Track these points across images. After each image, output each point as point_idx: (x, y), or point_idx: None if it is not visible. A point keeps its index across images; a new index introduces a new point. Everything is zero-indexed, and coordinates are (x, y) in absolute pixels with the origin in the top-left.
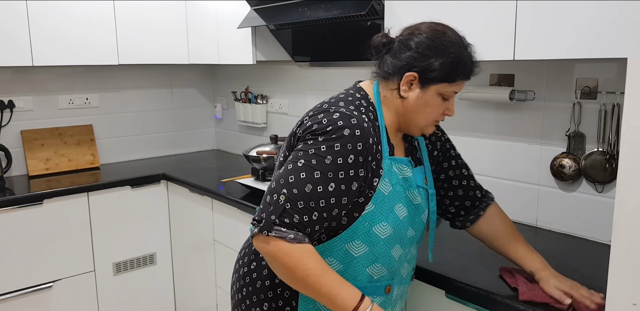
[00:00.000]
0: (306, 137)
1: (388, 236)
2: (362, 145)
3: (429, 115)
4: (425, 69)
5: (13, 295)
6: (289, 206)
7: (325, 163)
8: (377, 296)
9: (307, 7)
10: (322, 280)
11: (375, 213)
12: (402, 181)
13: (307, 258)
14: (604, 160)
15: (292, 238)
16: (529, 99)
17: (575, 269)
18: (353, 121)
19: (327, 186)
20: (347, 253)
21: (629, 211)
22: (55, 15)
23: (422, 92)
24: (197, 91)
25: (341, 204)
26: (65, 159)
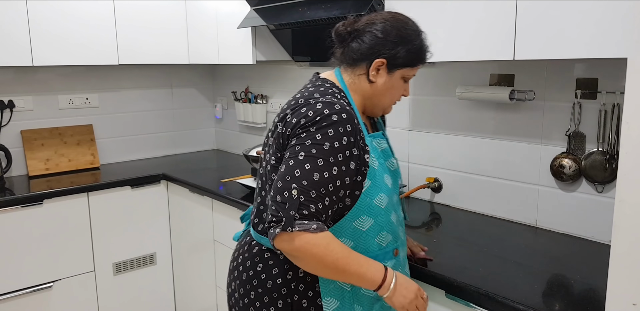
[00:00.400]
0: (297, 132)
1: (386, 205)
2: (350, 127)
3: (393, 97)
4: (392, 55)
5: (13, 295)
6: (303, 198)
7: (325, 149)
8: (388, 261)
9: (307, 7)
10: (350, 261)
11: (372, 187)
12: (381, 154)
13: (332, 244)
14: (604, 160)
15: (315, 228)
16: (529, 99)
17: (575, 269)
18: (337, 107)
19: (332, 170)
20: (355, 229)
21: (629, 211)
22: (55, 15)
23: (389, 76)
24: (197, 91)
25: (345, 185)
26: (65, 159)
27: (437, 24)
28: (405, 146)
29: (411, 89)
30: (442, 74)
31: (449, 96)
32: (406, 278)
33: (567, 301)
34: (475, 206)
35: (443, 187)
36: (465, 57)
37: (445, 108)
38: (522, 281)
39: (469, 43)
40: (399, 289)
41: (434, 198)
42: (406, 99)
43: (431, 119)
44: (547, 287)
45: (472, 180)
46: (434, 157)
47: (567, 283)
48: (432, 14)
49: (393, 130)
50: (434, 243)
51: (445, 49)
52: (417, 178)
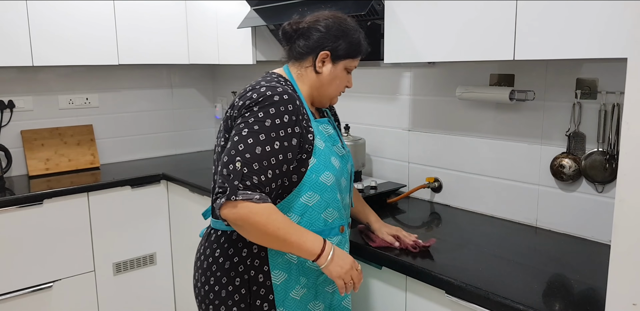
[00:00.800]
0: (242, 112)
1: (332, 183)
2: (292, 106)
3: (338, 87)
4: (335, 47)
5: (13, 295)
6: (246, 170)
7: (266, 126)
8: (334, 236)
9: (307, 7)
10: (290, 231)
11: (318, 165)
12: (329, 138)
13: (274, 215)
14: (604, 160)
15: (257, 198)
16: (529, 99)
17: (575, 269)
18: (279, 89)
19: (273, 144)
20: (303, 205)
21: (629, 211)
22: (55, 15)
23: (333, 67)
24: (197, 91)
25: (288, 159)
26: (65, 159)
27: (437, 24)
28: (405, 146)
29: (411, 89)
30: (442, 74)
31: (449, 96)
32: (343, 251)
33: (567, 301)
34: (475, 206)
35: (443, 187)
36: (465, 57)
37: (445, 108)
38: (522, 281)
39: (469, 43)
40: (336, 260)
41: (434, 198)
42: (406, 99)
43: (431, 119)
44: (547, 287)
45: (472, 180)
46: (434, 157)
47: (567, 283)
48: (432, 14)
49: (393, 130)
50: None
51: (445, 49)
52: (417, 178)
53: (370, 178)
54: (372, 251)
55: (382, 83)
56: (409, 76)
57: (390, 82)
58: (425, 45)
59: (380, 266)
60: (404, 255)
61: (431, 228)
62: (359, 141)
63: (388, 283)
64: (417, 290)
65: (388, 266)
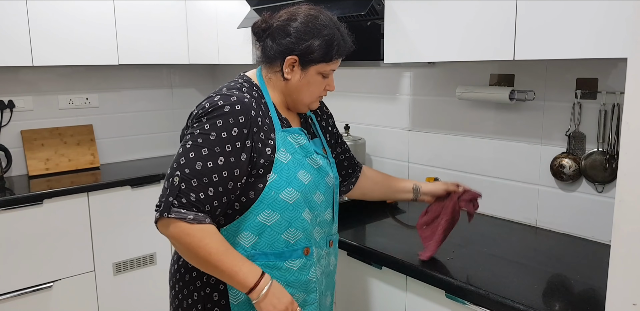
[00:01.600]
0: (192, 122)
1: (296, 200)
2: (244, 118)
3: (312, 93)
4: (304, 52)
5: (13, 295)
6: (184, 186)
7: (210, 139)
8: (296, 259)
9: None
10: (223, 258)
11: (279, 181)
12: (299, 150)
13: (208, 238)
14: (604, 160)
15: (191, 218)
16: (529, 99)
17: (575, 269)
18: (232, 99)
19: (217, 160)
20: (260, 224)
21: (629, 211)
22: (55, 15)
23: (303, 73)
24: (197, 91)
25: (234, 176)
26: (65, 159)
27: (437, 24)
28: (405, 146)
29: (411, 89)
30: (442, 74)
31: (449, 96)
32: (282, 289)
33: (567, 301)
34: None
35: None
36: (466, 57)
37: (445, 108)
38: (522, 281)
39: (469, 43)
40: (270, 297)
41: None
42: (406, 99)
43: (431, 119)
44: (547, 287)
45: (472, 180)
46: (434, 157)
47: (567, 283)
48: (432, 14)
49: (393, 130)
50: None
51: (445, 49)
52: (417, 178)
53: None
54: (372, 251)
55: (382, 83)
56: (409, 76)
57: (390, 82)
58: (425, 45)
59: (380, 266)
60: (404, 255)
61: None
62: (359, 141)
63: (388, 283)
64: (417, 290)
65: (388, 266)
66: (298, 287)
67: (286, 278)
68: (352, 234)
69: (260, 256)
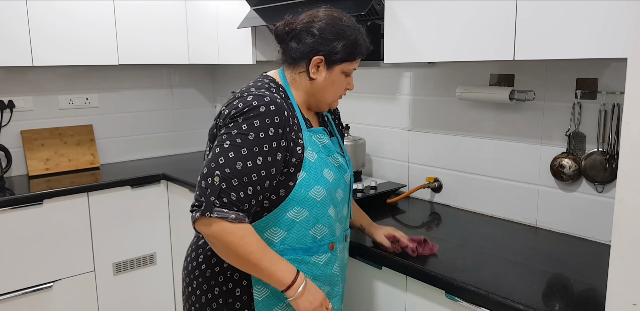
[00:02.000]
0: (226, 122)
1: (323, 198)
2: (278, 118)
3: (336, 92)
4: (329, 52)
5: (13, 295)
6: (224, 186)
7: (249, 139)
8: (322, 254)
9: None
10: (262, 257)
11: (308, 179)
12: (323, 149)
13: (248, 237)
14: (604, 160)
15: (233, 218)
16: (529, 99)
17: (575, 269)
18: (266, 99)
19: (256, 160)
20: (290, 220)
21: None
22: (55, 15)
23: (328, 72)
24: (197, 91)
25: (271, 175)
26: (65, 159)
27: (437, 24)
28: (405, 146)
29: (411, 89)
30: (442, 74)
31: (449, 96)
32: (316, 286)
33: (567, 301)
34: (475, 206)
35: (443, 187)
36: (465, 57)
37: (445, 108)
38: (522, 281)
39: (469, 43)
40: (306, 294)
41: (434, 198)
42: (406, 99)
43: (431, 119)
44: (547, 287)
45: (472, 180)
46: (434, 157)
47: (567, 283)
48: (432, 14)
49: (393, 130)
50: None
51: (445, 49)
52: (417, 178)
53: (370, 178)
54: (372, 251)
55: (382, 83)
56: (409, 76)
57: (390, 82)
58: (425, 46)
59: (380, 266)
60: (404, 255)
61: (431, 228)
62: (359, 141)
63: (388, 283)
64: (417, 290)
65: (388, 266)
66: (324, 281)
67: (313, 272)
68: (352, 234)
69: (288, 251)
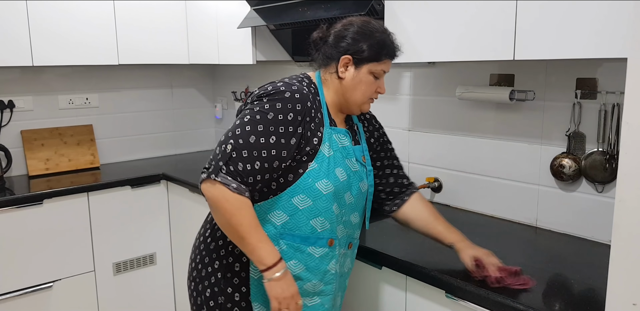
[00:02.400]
0: (252, 100)
1: (330, 192)
2: (301, 106)
3: (364, 92)
4: (356, 51)
5: (13, 295)
6: (235, 155)
7: (267, 118)
8: (319, 247)
9: (307, 7)
10: (252, 231)
11: (318, 170)
12: (341, 149)
13: (244, 210)
14: (604, 160)
15: (234, 187)
16: (529, 99)
17: (575, 269)
18: (294, 88)
19: (269, 138)
20: (293, 206)
21: (629, 211)
22: (55, 15)
23: (356, 71)
24: (197, 91)
25: (281, 157)
26: (65, 159)
27: (437, 24)
28: (405, 146)
29: (411, 89)
30: (442, 74)
31: (449, 96)
32: (293, 281)
33: (567, 301)
34: (475, 206)
35: (443, 187)
36: (465, 57)
37: (445, 108)
38: None
39: (468, 43)
40: (281, 282)
41: (434, 198)
42: (406, 99)
43: (431, 119)
44: (547, 287)
45: (472, 180)
46: (434, 157)
47: (567, 283)
48: (433, 14)
49: (393, 130)
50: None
51: (445, 49)
52: (417, 178)
53: None
54: (372, 251)
55: None
56: (409, 76)
57: (390, 82)
58: (425, 45)
59: (380, 266)
60: (404, 255)
61: None
62: None
63: (388, 283)
64: (417, 290)
65: (388, 266)
66: (316, 274)
67: (307, 263)
68: None
69: (287, 235)
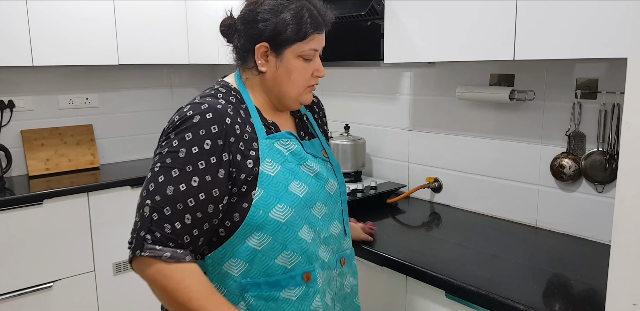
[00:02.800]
0: (160, 140)
1: (290, 218)
2: (217, 127)
3: (296, 83)
4: (272, 34)
5: (13, 294)
6: (156, 217)
7: (180, 157)
8: (294, 287)
9: None
10: (206, 304)
11: (266, 197)
12: (290, 157)
13: (188, 280)
14: (604, 160)
15: (168, 256)
16: (529, 99)
17: (575, 269)
18: (203, 107)
19: (190, 181)
20: (250, 249)
21: (629, 211)
22: (55, 15)
23: (278, 60)
24: (197, 91)
25: (213, 198)
26: (65, 159)
27: (437, 24)
28: (405, 146)
29: (411, 89)
30: (442, 74)
31: (449, 96)
32: None
33: (567, 301)
34: (475, 206)
35: (443, 187)
36: (466, 57)
37: (445, 108)
38: (522, 281)
39: (469, 43)
40: None
41: (434, 198)
42: (406, 99)
43: (431, 119)
44: (547, 287)
45: (472, 180)
46: (434, 157)
47: (567, 283)
48: (433, 14)
49: (393, 130)
50: (434, 243)
51: (445, 49)
52: (417, 178)
53: (370, 178)
54: (372, 251)
55: (382, 83)
56: (409, 76)
57: (390, 82)
58: (425, 45)
59: (380, 266)
60: (404, 255)
61: (431, 228)
62: (359, 141)
63: (388, 283)
64: (417, 290)
65: (388, 266)
66: None
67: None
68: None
69: (252, 286)
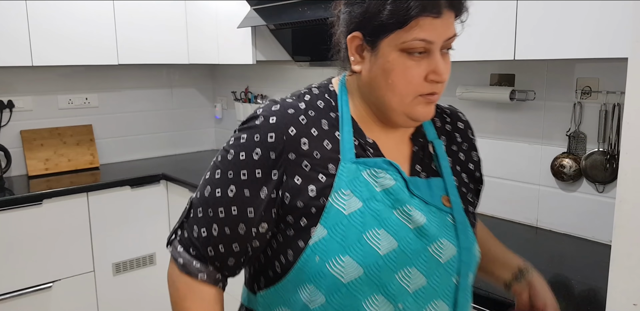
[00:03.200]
0: None
1: (356, 279)
2: (275, 136)
3: (398, 87)
4: (364, 20)
5: (13, 294)
6: (192, 214)
7: (227, 159)
8: None
9: (307, 6)
10: None
11: (329, 242)
12: (381, 196)
13: (190, 302)
14: (605, 160)
15: (181, 263)
16: (530, 99)
17: (575, 269)
18: (274, 108)
19: (227, 189)
20: (301, 302)
21: (629, 211)
22: (55, 15)
23: (373, 56)
24: (197, 91)
25: (246, 218)
26: (64, 159)
27: None
28: None
29: None
30: None
31: (449, 96)
32: None
33: (567, 301)
34: None
35: None
36: (466, 57)
37: None
38: None
39: (469, 43)
40: None
41: None
42: None
43: None
44: None
45: None
46: None
47: (567, 283)
48: None
49: None
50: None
51: None
52: None
53: None
54: None
55: None
56: None
57: None
58: None
59: None
60: None
61: None
62: None
63: None
64: None
65: None
66: None
67: None
68: None
69: None
